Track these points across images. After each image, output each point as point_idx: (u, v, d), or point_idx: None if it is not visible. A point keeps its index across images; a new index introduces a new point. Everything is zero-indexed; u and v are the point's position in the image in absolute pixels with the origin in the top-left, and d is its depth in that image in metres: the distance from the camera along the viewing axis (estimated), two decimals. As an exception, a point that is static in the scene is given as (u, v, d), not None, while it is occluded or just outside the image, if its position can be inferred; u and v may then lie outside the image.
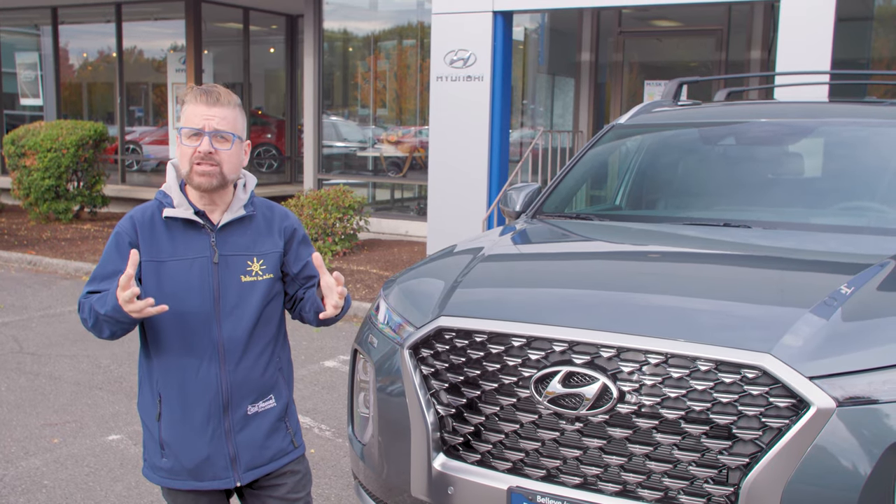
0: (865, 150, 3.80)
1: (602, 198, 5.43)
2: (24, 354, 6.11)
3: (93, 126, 12.01)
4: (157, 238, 2.30)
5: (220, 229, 2.33)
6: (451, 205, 8.67)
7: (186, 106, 2.28)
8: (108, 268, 2.29)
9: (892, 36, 10.50)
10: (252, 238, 2.37)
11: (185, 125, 2.26)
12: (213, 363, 2.31)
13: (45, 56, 15.68)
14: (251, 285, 2.34)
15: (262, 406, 2.39)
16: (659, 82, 10.87)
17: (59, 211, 11.83)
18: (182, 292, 2.28)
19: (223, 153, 2.26)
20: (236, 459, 2.35)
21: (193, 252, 2.30)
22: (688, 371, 2.26)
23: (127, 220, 2.33)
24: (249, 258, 2.35)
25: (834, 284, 2.60)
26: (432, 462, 2.59)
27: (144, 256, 2.27)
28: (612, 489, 2.35)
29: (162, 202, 2.33)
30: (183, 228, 2.31)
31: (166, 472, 2.36)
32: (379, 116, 12.64)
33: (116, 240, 2.31)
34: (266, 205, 2.47)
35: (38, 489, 3.99)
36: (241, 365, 2.34)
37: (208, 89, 2.28)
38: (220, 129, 2.25)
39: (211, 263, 2.30)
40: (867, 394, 2.16)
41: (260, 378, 2.38)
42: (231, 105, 2.28)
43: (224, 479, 2.35)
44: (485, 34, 8.35)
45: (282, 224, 2.45)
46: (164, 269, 2.28)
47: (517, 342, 2.48)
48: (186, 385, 2.30)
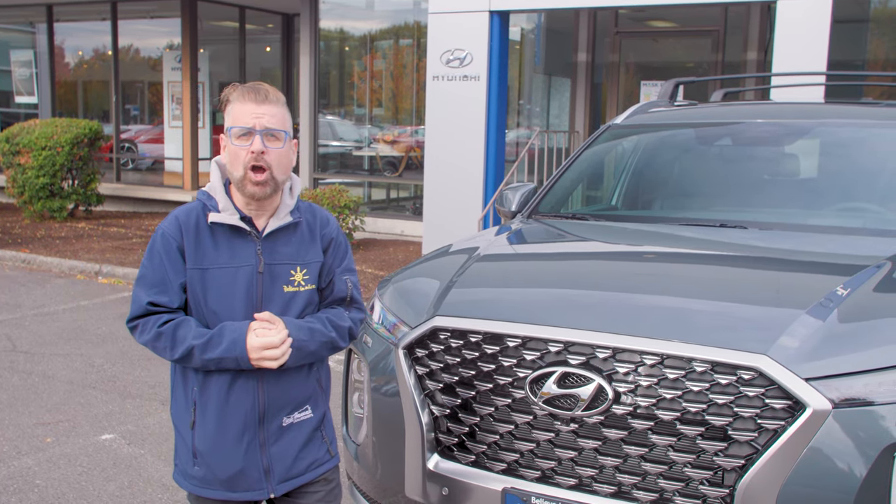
0: (861, 151, 3.80)
1: (598, 198, 5.43)
2: (17, 353, 6.09)
3: (88, 124, 11.97)
4: (202, 244, 2.20)
5: (266, 237, 2.24)
6: (446, 205, 8.66)
7: (233, 105, 2.19)
8: (160, 274, 2.19)
9: (887, 37, 10.52)
10: (297, 246, 2.28)
11: (235, 124, 2.17)
12: (251, 374, 2.22)
13: (40, 54, 15.63)
14: (293, 296, 2.26)
15: (297, 417, 2.31)
16: (655, 83, 10.87)
17: (53, 209, 11.79)
18: (225, 301, 2.19)
19: (274, 152, 2.17)
20: (269, 471, 2.27)
21: (239, 260, 2.21)
22: (683, 372, 2.25)
23: (172, 223, 2.23)
24: (293, 267, 2.26)
25: (830, 286, 2.60)
26: (427, 463, 2.58)
27: (189, 263, 2.19)
28: (607, 490, 2.34)
29: (207, 205, 2.23)
30: (228, 234, 2.22)
31: (198, 480, 2.28)
32: (375, 116, 12.62)
33: (164, 243, 2.21)
34: (309, 209, 2.37)
35: (30, 489, 3.97)
36: (281, 377, 2.25)
37: (256, 87, 2.20)
38: (272, 126, 2.17)
39: (256, 273, 2.21)
40: (863, 395, 2.15)
41: (299, 390, 2.30)
42: (280, 102, 2.21)
43: (257, 491, 2.28)
44: (481, 34, 8.33)
45: (322, 230, 2.35)
46: (209, 276, 2.19)
47: (512, 342, 2.47)
48: (223, 395, 2.22)
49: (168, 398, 5.09)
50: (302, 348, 2.21)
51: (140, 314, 2.20)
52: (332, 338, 2.27)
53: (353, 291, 2.37)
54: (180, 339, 2.15)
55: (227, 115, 2.21)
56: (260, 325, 2.16)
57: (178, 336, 2.15)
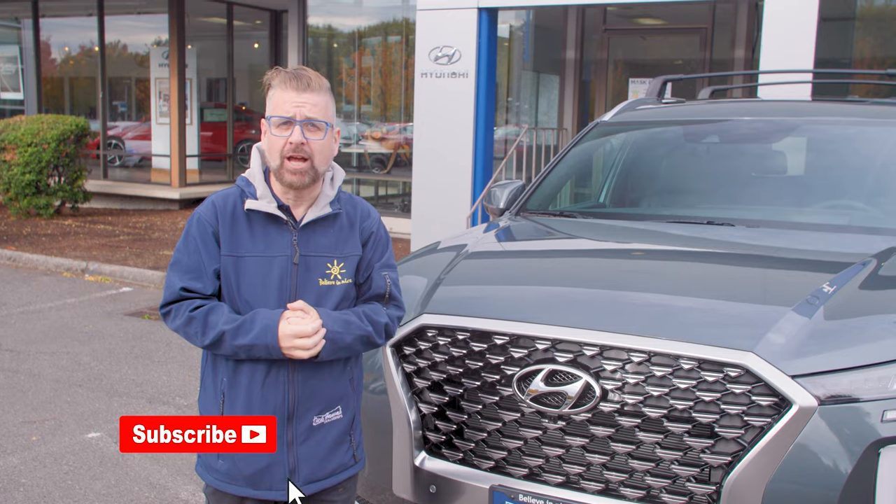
0: (848, 148, 3.82)
1: (586, 195, 5.44)
2: (2, 351, 6.04)
3: (74, 121, 11.90)
4: (238, 231, 2.15)
5: (303, 227, 2.17)
6: (435, 202, 8.66)
7: (274, 91, 2.12)
8: (195, 259, 2.14)
9: (874, 36, 10.57)
10: (335, 238, 2.21)
11: (274, 113, 2.10)
12: (282, 369, 2.15)
13: (25, 49, 15.50)
14: (328, 289, 2.18)
15: (328, 417, 2.23)
16: (643, 80, 10.89)
17: (39, 206, 11.71)
18: (259, 291, 2.13)
19: (315, 143, 2.11)
20: (296, 471, 2.20)
21: (274, 250, 2.15)
22: (671, 369, 2.26)
23: (209, 207, 2.17)
24: (330, 260, 2.19)
25: (816, 283, 2.61)
26: (414, 460, 2.58)
27: (224, 250, 2.13)
28: (594, 488, 2.34)
29: (245, 191, 2.17)
30: (264, 222, 2.15)
31: (222, 474, 2.22)
32: (363, 113, 12.60)
33: (200, 228, 2.15)
34: (350, 201, 2.30)
35: (15, 488, 3.94)
36: (313, 373, 2.18)
37: (298, 73, 2.11)
38: (313, 116, 2.10)
39: (291, 263, 2.15)
40: (849, 392, 2.17)
41: (331, 388, 2.22)
42: (322, 90, 2.13)
43: (280, 491, 2.20)
44: (470, 31, 8.33)
45: (362, 223, 2.27)
46: (243, 264, 2.14)
47: (500, 340, 2.47)
48: (253, 389, 2.15)
49: (155, 396, 5.10)
50: (336, 340, 2.13)
51: (173, 300, 2.14)
52: (368, 332, 2.19)
53: (391, 288, 2.29)
54: (212, 324, 2.09)
55: (268, 100, 2.14)
56: (293, 313, 2.10)
57: (209, 321, 2.09)
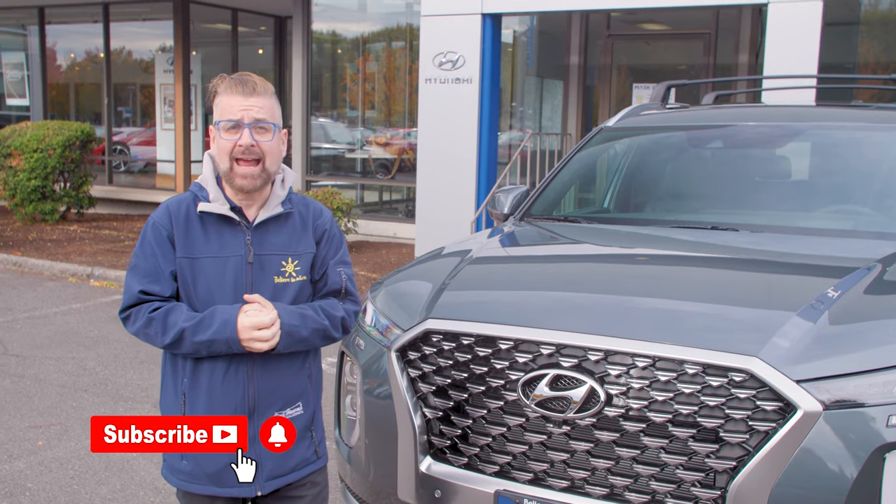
0: (852, 153, 3.82)
1: (590, 200, 5.44)
2: (8, 356, 6.06)
3: (80, 127, 11.93)
4: (192, 233, 2.21)
5: (256, 227, 2.24)
6: (439, 207, 8.66)
7: (221, 97, 2.18)
8: (151, 263, 2.20)
9: (878, 40, 10.57)
10: (288, 237, 2.28)
11: (223, 118, 2.17)
12: (241, 366, 2.21)
13: (31, 56, 15.57)
14: (284, 286, 2.25)
15: (289, 414, 2.28)
16: (647, 85, 10.90)
17: (45, 212, 11.75)
18: (215, 291, 2.20)
19: (264, 144, 2.17)
20: (259, 468, 2.25)
21: (228, 250, 2.22)
22: (675, 374, 2.26)
23: (163, 212, 2.24)
24: (284, 258, 2.26)
25: (821, 288, 2.61)
26: (419, 465, 2.58)
27: (179, 252, 2.20)
28: (599, 492, 2.34)
29: (197, 195, 2.24)
30: (218, 224, 2.23)
31: (186, 475, 2.27)
32: (367, 118, 12.62)
33: (155, 233, 2.21)
34: (302, 201, 2.37)
35: (21, 492, 3.95)
36: (272, 369, 2.24)
37: (243, 79, 2.18)
38: (261, 118, 2.16)
39: (245, 263, 2.22)
40: (854, 397, 2.17)
41: (290, 384, 2.28)
42: (268, 94, 2.20)
43: (245, 487, 2.26)
44: (473, 36, 8.34)
45: (315, 222, 2.34)
46: (198, 265, 2.20)
47: (504, 345, 2.48)
48: (213, 387, 2.21)
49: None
50: (293, 333, 2.19)
51: (132, 303, 2.20)
52: (324, 326, 2.26)
53: (347, 284, 2.37)
54: (171, 323, 2.14)
55: (215, 107, 2.21)
56: (251, 306, 2.16)
57: (168, 321, 2.15)
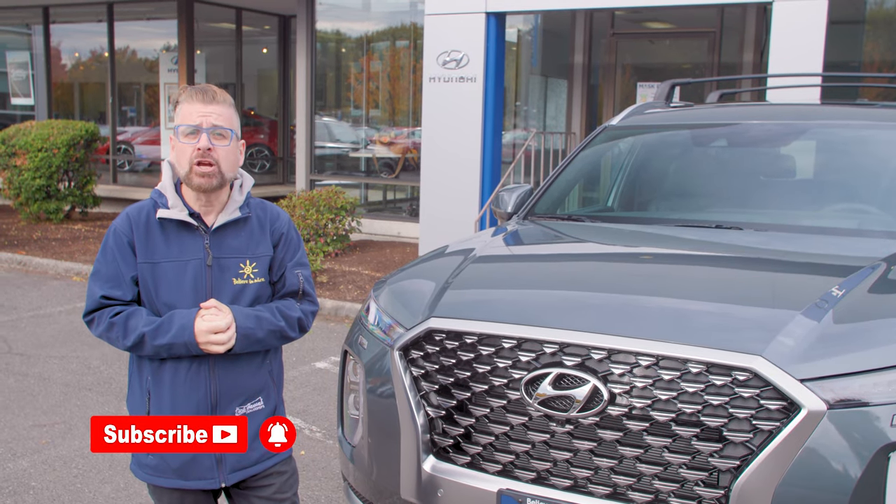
0: (857, 152, 3.80)
1: (594, 199, 5.43)
2: (12, 355, 6.07)
3: (84, 126, 11.96)
4: (152, 239, 2.30)
5: (214, 231, 2.33)
6: (443, 206, 8.66)
7: (182, 105, 2.28)
8: (113, 269, 2.29)
9: (883, 39, 10.54)
10: (246, 240, 2.37)
11: (182, 123, 2.26)
12: (203, 364, 2.31)
13: (36, 55, 15.60)
14: (242, 288, 2.34)
15: (250, 408, 2.38)
16: (651, 84, 10.89)
17: (49, 211, 11.77)
18: (175, 293, 2.29)
19: (221, 150, 2.27)
20: (222, 460, 2.35)
21: (187, 254, 2.30)
22: (679, 373, 2.25)
23: (123, 219, 2.33)
24: (242, 260, 2.35)
25: (825, 287, 2.60)
26: (422, 464, 2.58)
27: (140, 258, 2.29)
28: (602, 491, 2.34)
29: (157, 202, 2.33)
30: (177, 229, 2.31)
31: (152, 469, 2.36)
32: (372, 117, 12.62)
33: (116, 239, 2.31)
34: (260, 205, 2.46)
35: (25, 491, 3.96)
36: (232, 367, 2.34)
37: (203, 88, 2.29)
38: (218, 124, 2.26)
39: (204, 266, 2.31)
40: (858, 396, 2.16)
41: (250, 380, 2.38)
42: (226, 103, 2.31)
43: (209, 480, 2.36)
44: (478, 35, 8.34)
45: (272, 225, 2.44)
46: (159, 270, 2.29)
47: (507, 344, 2.47)
48: (176, 384, 2.30)
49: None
50: (249, 335, 2.29)
51: (95, 308, 2.30)
52: (280, 327, 2.35)
53: (304, 285, 2.46)
54: (132, 327, 2.24)
55: (176, 115, 2.31)
56: (207, 311, 2.25)
57: (129, 325, 2.24)
